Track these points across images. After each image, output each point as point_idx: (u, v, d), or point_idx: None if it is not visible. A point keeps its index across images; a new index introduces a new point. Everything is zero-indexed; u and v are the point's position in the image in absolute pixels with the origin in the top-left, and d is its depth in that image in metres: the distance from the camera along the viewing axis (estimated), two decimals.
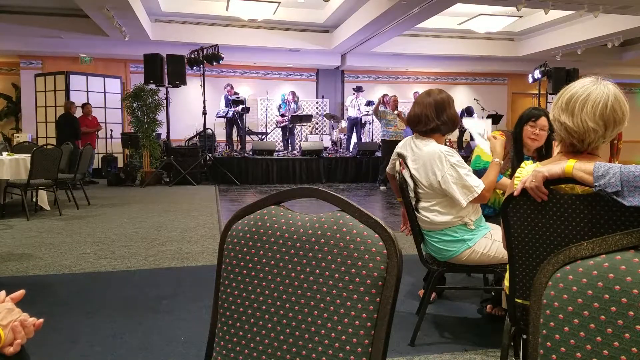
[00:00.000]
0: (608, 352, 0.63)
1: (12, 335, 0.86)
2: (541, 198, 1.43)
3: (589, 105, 1.35)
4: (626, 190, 1.21)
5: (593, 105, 1.35)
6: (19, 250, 4.23)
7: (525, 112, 2.68)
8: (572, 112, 1.38)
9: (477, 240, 2.29)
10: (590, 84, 1.37)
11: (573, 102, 1.38)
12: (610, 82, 1.39)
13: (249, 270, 0.93)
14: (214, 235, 4.86)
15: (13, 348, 0.85)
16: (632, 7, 8.25)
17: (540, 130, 2.59)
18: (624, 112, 1.36)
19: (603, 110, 1.35)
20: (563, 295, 0.68)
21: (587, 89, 1.37)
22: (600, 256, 0.67)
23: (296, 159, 10.07)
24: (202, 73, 10.02)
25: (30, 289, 0.98)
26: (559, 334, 0.67)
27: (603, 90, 1.36)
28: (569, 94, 1.39)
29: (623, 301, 0.63)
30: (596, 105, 1.35)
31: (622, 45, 11.08)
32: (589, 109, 1.35)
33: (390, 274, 0.80)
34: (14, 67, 12.54)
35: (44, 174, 5.76)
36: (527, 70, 11.77)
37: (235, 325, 0.93)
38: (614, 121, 1.36)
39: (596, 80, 1.38)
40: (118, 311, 2.86)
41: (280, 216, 0.93)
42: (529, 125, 2.61)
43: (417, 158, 2.32)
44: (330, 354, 0.82)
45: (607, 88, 1.36)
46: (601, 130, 1.36)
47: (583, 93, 1.37)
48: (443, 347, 2.41)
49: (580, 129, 1.38)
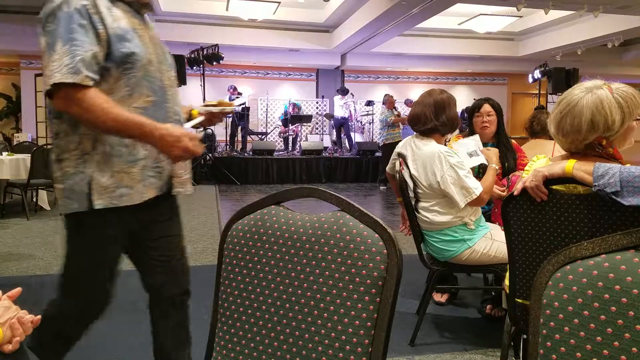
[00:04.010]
0: (608, 352, 0.63)
1: (10, 332, 0.86)
2: (541, 198, 1.43)
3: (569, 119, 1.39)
4: (625, 190, 1.21)
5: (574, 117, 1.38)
6: (19, 250, 4.23)
7: (469, 107, 2.89)
8: (557, 125, 1.43)
9: (477, 240, 2.29)
10: (579, 92, 1.39)
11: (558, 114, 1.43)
12: (607, 84, 1.40)
13: (249, 270, 0.93)
14: (213, 235, 4.86)
15: (12, 346, 0.85)
16: (632, 7, 8.25)
17: (487, 117, 2.77)
18: (609, 118, 1.36)
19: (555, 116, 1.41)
20: (563, 295, 0.68)
21: (572, 100, 1.39)
22: (601, 256, 0.67)
23: (296, 159, 10.07)
24: (202, 73, 10.02)
25: (30, 289, 0.98)
26: (559, 333, 0.67)
27: (584, 101, 1.37)
28: (558, 106, 1.44)
29: (623, 301, 0.63)
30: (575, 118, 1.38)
31: (622, 46, 11.08)
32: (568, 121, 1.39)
33: (390, 274, 0.80)
34: (14, 67, 12.53)
35: (44, 173, 5.76)
36: (527, 70, 11.76)
37: (235, 325, 0.93)
38: (599, 127, 1.36)
39: (589, 88, 1.39)
40: (117, 311, 2.85)
41: (280, 216, 0.93)
42: (475, 117, 2.81)
43: (416, 158, 2.32)
44: (330, 354, 0.82)
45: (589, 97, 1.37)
46: (581, 136, 1.38)
47: (568, 104, 1.39)
48: (443, 347, 2.40)
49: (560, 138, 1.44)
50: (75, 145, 1.34)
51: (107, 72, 1.30)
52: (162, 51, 1.51)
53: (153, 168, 1.41)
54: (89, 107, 1.23)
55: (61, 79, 1.21)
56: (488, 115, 2.75)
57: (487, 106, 2.76)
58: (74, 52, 1.22)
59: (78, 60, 1.22)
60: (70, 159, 1.34)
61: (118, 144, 1.34)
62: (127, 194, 1.36)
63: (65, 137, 1.35)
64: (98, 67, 1.28)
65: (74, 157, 1.34)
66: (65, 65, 1.21)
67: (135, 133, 1.28)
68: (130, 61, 1.32)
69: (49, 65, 1.23)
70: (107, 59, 1.30)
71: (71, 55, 1.22)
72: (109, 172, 1.34)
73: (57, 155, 1.36)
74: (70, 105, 1.25)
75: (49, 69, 1.23)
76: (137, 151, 1.37)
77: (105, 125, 1.26)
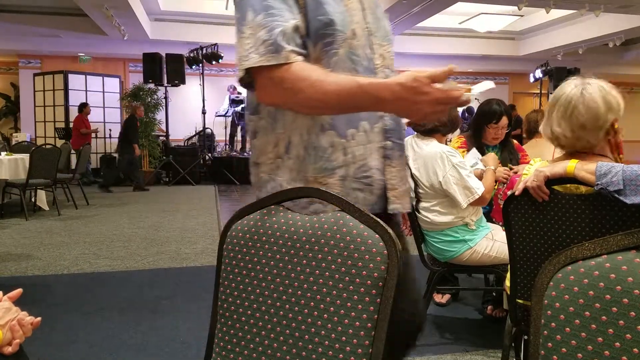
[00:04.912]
0: (609, 353, 0.63)
1: (10, 334, 0.85)
2: (542, 198, 1.43)
3: (555, 111, 1.42)
4: (628, 189, 1.21)
5: (558, 110, 1.41)
6: (18, 251, 4.23)
7: (482, 111, 2.65)
8: (546, 120, 1.46)
9: (478, 240, 2.29)
10: (574, 87, 1.41)
11: (548, 111, 1.46)
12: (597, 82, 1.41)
13: (249, 270, 0.92)
14: (213, 236, 4.86)
15: (12, 348, 0.85)
16: (634, 7, 8.25)
17: (502, 129, 2.63)
18: (618, 97, 1.38)
19: (563, 114, 1.41)
20: (564, 296, 0.67)
21: (574, 93, 1.40)
22: (602, 256, 0.67)
23: None
24: (202, 72, 10.01)
25: (29, 289, 0.98)
26: (560, 334, 0.67)
27: (569, 94, 1.39)
28: (559, 107, 1.44)
29: (624, 302, 0.63)
30: (561, 111, 1.40)
31: (624, 45, 11.08)
32: (555, 114, 1.42)
33: (391, 275, 0.80)
34: (12, 67, 12.53)
35: (42, 173, 5.75)
36: (529, 69, 11.76)
37: (235, 326, 0.93)
38: (612, 106, 1.37)
39: (577, 84, 1.40)
40: (117, 312, 2.85)
41: (280, 216, 0.92)
42: (490, 127, 2.62)
43: (417, 158, 2.32)
44: (330, 355, 0.82)
45: (575, 90, 1.39)
46: (569, 133, 1.39)
47: (571, 99, 1.40)
48: (444, 348, 2.40)
49: (550, 135, 1.45)
50: (272, 146, 1.07)
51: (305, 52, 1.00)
52: (374, 17, 1.12)
53: (359, 179, 1.06)
54: (294, 86, 0.93)
55: (259, 62, 0.93)
56: (503, 128, 2.62)
57: (505, 119, 2.60)
58: (271, 24, 0.94)
59: (278, 32, 0.93)
60: (265, 164, 1.08)
61: (314, 146, 1.03)
62: (323, 211, 0.97)
63: (263, 136, 1.08)
64: (301, 42, 0.98)
65: (269, 161, 1.08)
66: (263, 41, 0.93)
67: (363, 102, 0.93)
68: (330, 33, 1.00)
69: (241, 44, 0.96)
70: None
71: (268, 27, 0.93)
72: (301, 182, 1.04)
73: (254, 159, 1.12)
74: (271, 90, 0.97)
75: (242, 49, 0.96)
76: (335, 156, 1.03)
77: (323, 105, 0.95)
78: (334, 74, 0.95)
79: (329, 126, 1.03)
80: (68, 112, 10.35)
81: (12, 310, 0.88)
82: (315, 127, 1.03)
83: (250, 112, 1.11)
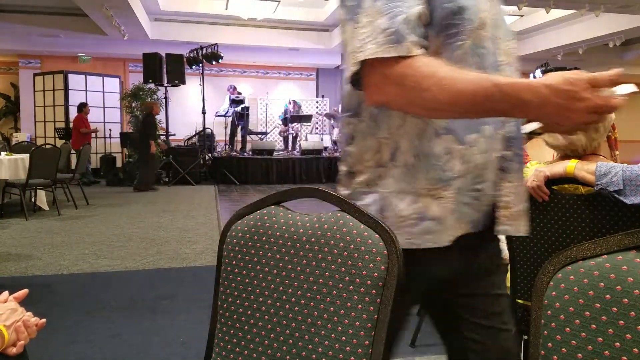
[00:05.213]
0: (609, 353, 0.63)
1: (15, 335, 0.85)
2: (542, 198, 1.43)
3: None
4: (628, 189, 1.21)
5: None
6: (18, 251, 4.23)
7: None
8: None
9: None
10: None
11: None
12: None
13: (249, 270, 0.92)
14: (213, 236, 4.86)
15: (16, 349, 0.84)
16: (634, 7, 8.25)
17: None
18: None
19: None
20: (564, 296, 0.67)
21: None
22: (602, 256, 0.67)
23: (296, 159, 10.07)
24: (202, 72, 10.02)
25: (29, 289, 0.98)
26: (560, 334, 0.67)
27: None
28: None
29: (624, 302, 0.63)
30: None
31: (624, 45, 11.08)
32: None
33: (391, 275, 0.80)
34: (12, 67, 12.54)
35: (42, 173, 5.75)
36: (529, 69, 11.74)
37: (235, 326, 0.93)
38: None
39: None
40: (117, 312, 2.85)
41: (280, 216, 0.92)
42: None
43: None
44: (330, 355, 0.82)
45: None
46: (584, 138, 1.39)
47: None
48: (444, 348, 2.40)
49: (563, 143, 1.45)
50: (371, 153, 0.92)
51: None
52: (496, 8, 0.95)
53: (470, 192, 0.90)
54: (418, 84, 0.79)
55: (376, 53, 0.79)
56: None
57: None
58: (393, 10, 0.80)
59: (400, 21, 0.79)
60: (363, 173, 0.93)
61: (425, 154, 0.88)
62: (434, 231, 0.88)
63: (362, 141, 0.93)
64: (424, 32, 0.84)
65: (367, 171, 0.93)
66: (383, 29, 0.79)
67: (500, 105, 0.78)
68: (457, 22, 0.85)
69: (356, 34, 0.82)
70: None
71: (389, 14, 0.80)
72: (411, 194, 0.89)
73: (348, 167, 0.97)
74: (387, 89, 0.82)
75: (356, 40, 0.82)
76: (452, 164, 0.88)
77: (451, 108, 0.80)
78: (463, 71, 0.80)
79: (446, 130, 0.88)
80: (68, 112, 10.36)
81: (17, 311, 0.88)
82: (428, 131, 0.88)
83: (350, 114, 0.95)
